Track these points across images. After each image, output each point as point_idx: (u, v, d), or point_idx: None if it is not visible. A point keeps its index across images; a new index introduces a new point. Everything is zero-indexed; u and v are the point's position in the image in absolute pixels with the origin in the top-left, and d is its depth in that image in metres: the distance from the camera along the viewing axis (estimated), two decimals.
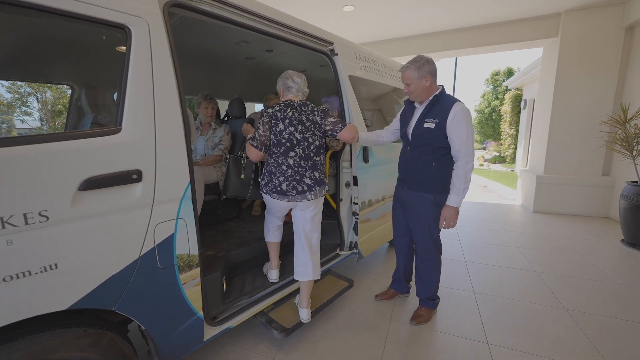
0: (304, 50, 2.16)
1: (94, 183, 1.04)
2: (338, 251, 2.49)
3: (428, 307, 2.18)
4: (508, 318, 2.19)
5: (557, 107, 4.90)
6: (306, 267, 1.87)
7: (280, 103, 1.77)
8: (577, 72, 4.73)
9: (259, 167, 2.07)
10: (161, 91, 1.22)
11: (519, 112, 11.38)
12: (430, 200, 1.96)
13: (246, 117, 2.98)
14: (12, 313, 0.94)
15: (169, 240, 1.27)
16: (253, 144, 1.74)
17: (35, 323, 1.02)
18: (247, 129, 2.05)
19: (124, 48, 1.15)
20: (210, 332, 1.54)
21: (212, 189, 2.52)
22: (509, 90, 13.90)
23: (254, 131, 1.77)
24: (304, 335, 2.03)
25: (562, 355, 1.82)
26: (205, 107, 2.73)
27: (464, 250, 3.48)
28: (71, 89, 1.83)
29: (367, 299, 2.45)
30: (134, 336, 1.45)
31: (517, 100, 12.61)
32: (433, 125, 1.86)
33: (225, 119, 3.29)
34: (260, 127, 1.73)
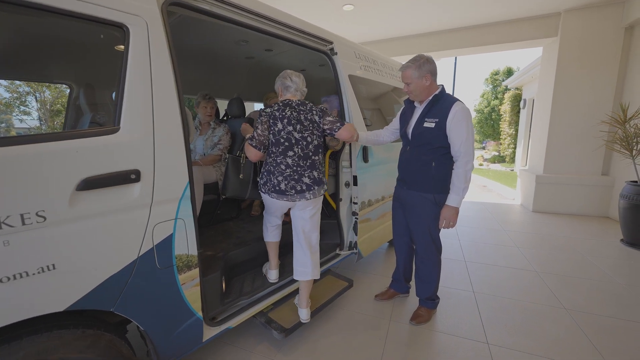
0: (304, 49, 2.16)
1: (92, 183, 1.04)
2: (338, 251, 2.49)
3: (428, 307, 2.18)
4: (508, 318, 2.19)
5: (557, 107, 4.90)
6: (305, 266, 1.87)
7: (279, 102, 1.77)
8: (576, 71, 4.73)
9: (258, 166, 2.07)
10: (160, 90, 1.21)
11: (519, 111, 11.38)
12: (430, 200, 1.95)
13: (245, 116, 2.97)
14: (10, 314, 0.93)
15: (167, 241, 1.27)
16: (252, 143, 1.73)
17: (33, 324, 1.01)
18: (246, 129, 2.04)
19: (122, 47, 1.14)
20: (210, 333, 1.54)
21: (212, 189, 2.52)
22: (509, 89, 13.91)
23: (253, 131, 1.77)
24: (304, 335, 2.02)
25: (562, 354, 1.82)
26: (204, 107, 2.73)
27: (464, 249, 3.48)
28: (69, 88, 1.82)
29: (367, 299, 2.45)
30: (133, 337, 1.45)
31: (517, 99, 12.61)
32: (433, 124, 1.86)
33: (224, 118, 3.28)
34: (258, 127, 1.73)
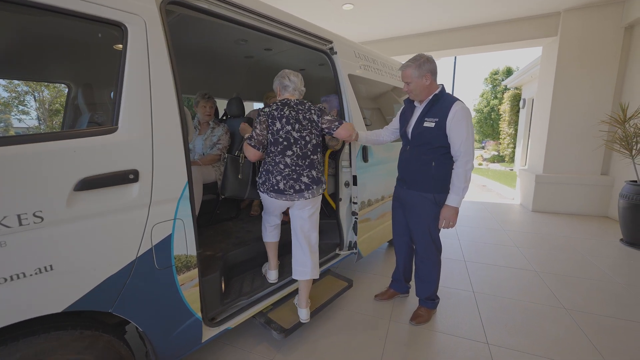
0: (303, 48, 2.15)
1: (90, 183, 1.03)
2: (337, 251, 2.48)
3: (428, 307, 2.18)
4: (507, 318, 2.19)
5: (556, 106, 4.90)
6: (305, 266, 1.86)
7: (277, 102, 1.76)
8: (576, 71, 4.73)
9: (257, 166, 2.06)
10: (158, 90, 1.20)
11: (518, 111, 11.38)
12: (430, 200, 1.95)
13: (244, 116, 2.96)
14: (7, 316, 0.92)
15: (166, 241, 1.26)
16: (250, 143, 1.73)
17: (31, 325, 1.01)
18: (245, 129, 2.04)
19: (120, 46, 1.14)
20: (209, 333, 1.53)
21: (211, 189, 2.51)
22: (508, 89, 13.90)
23: (251, 131, 1.76)
24: (304, 335, 2.02)
25: (562, 354, 1.82)
26: (203, 106, 2.72)
27: (464, 249, 3.48)
28: (68, 87, 1.81)
29: (367, 299, 2.44)
30: (132, 338, 1.44)
31: (516, 99, 12.60)
32: (433, 124, 1.86)
33: (223, 118, 3.28)
34: (257, 127, 1.72)
